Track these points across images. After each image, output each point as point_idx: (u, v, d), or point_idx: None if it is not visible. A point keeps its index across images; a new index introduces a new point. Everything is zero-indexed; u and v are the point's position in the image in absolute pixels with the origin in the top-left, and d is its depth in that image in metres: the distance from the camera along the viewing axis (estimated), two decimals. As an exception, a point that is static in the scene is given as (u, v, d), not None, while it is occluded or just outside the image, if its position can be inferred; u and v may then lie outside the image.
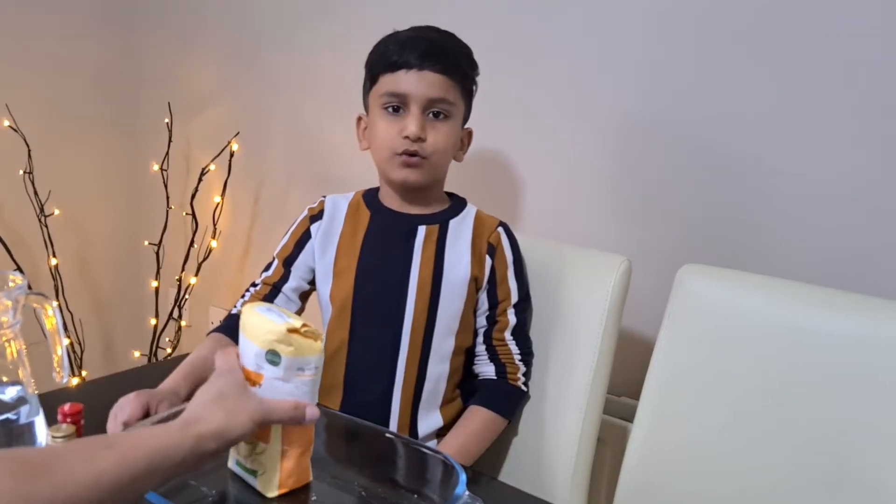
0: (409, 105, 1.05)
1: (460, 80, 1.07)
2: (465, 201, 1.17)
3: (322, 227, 1.13)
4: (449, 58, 1.06)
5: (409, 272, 1.09)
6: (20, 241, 2.03)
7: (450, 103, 1.06)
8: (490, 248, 1.12)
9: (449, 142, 1.08)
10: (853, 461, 0.91)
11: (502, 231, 1.14)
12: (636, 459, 1.08)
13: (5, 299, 0.91)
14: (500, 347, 1.13)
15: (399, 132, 1.05)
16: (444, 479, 0.79)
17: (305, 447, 0.78)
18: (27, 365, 0.93)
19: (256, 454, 0.78)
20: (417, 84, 1.04)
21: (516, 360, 1.13)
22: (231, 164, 1.98)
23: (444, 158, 1.09)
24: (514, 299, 1.13)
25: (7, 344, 0.78)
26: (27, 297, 0.96)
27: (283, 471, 0.77)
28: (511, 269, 1.13)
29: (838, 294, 0.97)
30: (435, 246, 1.10)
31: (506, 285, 1.12)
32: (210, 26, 2.04)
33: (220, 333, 1.10)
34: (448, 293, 1.10)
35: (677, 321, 1.06)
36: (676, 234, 1.34)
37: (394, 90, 1.05)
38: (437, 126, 1.06)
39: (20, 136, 1.93)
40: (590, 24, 1.39)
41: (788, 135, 1.21)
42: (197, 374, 0.98)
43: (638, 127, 1.36)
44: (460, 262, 1.10)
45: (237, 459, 0.80)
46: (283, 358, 0.73)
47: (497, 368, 1.12)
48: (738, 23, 1.23)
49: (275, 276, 1.14)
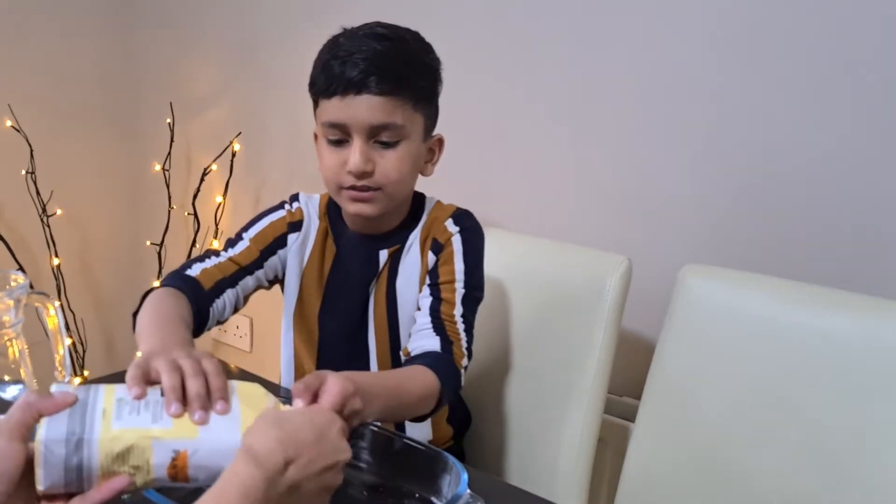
0: (351, 134, 0.92)
1: (411, 95, 0.92)
2: (424, 200, 1.06)
3: (298, 241, 1.05)
4: (393, 75, 0.90)
5: (367, 309, 1.04)
6: (22, 240, 2.03)
7: (398, 126, 0.92)
8: (435, 244, 1.01)
9: (403, 168, 0.94)
10: (853, 460, 0.91)
11: (451, 223, 1.02)
12: (637, 459, 1.08)
13: (7, 299, 0.91)
14: (448, 324, 0.97)
15: (343, 164, 0.93)
16: (445, 478, 0.79)
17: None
18: (29, 364, 0.94)
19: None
20: (357, 111, 0.91)
21: (463, 345, 0.96)
22: (233, 164, 1.99)
23: (400, 186, 0.96)
24: (460, 283, 0.99)
25: (9, 343, 0.78)
26: (29, 296, 0.97)
27: None
28: (458, 254, 1.00)
29: (838, 294, 0.97)
30: (388, 271, 1.03)
31: (449, 265, 1.00)
32: (212, 27, 2.04)
33: (177, 290, 0.95)
34: (405, 318, 1.03)
35: (678, 321, 1.06)
36: (677, 234, 1.34)
37: (331, 120, 0.93)
38: (386, 154, 0.93)
39: (23, 137, 1.93)
40: (590, 22, 1.39)
41: (789, 134, 1.21)
42: (183, 332, 0.85)
43: (638, 127, 1.36)
44: (411, 280, 1.02)
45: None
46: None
47: (443, 344, 0.94)
48: (738, 22, 1.23)
49: (246, 258, 1.02)
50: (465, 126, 1.07)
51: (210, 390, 0.64)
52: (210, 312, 0.97)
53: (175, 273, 0.98)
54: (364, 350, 1.05)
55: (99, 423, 0.60)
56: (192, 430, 0.62)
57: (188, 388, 0.63)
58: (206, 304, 0.96)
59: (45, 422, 0.59)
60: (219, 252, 1.03)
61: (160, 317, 0.86)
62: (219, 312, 0.98)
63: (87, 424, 0.59)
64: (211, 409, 0.63)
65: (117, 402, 0.62)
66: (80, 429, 0.59)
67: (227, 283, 1.00)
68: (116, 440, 0.59)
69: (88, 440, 0.59)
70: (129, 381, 0.64)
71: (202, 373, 0.64)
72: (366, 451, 0.87)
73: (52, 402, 0.60)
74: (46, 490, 0.59)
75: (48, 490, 0.59)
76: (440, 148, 1.03)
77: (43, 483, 0.59)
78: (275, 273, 1.06)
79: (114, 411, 0.61)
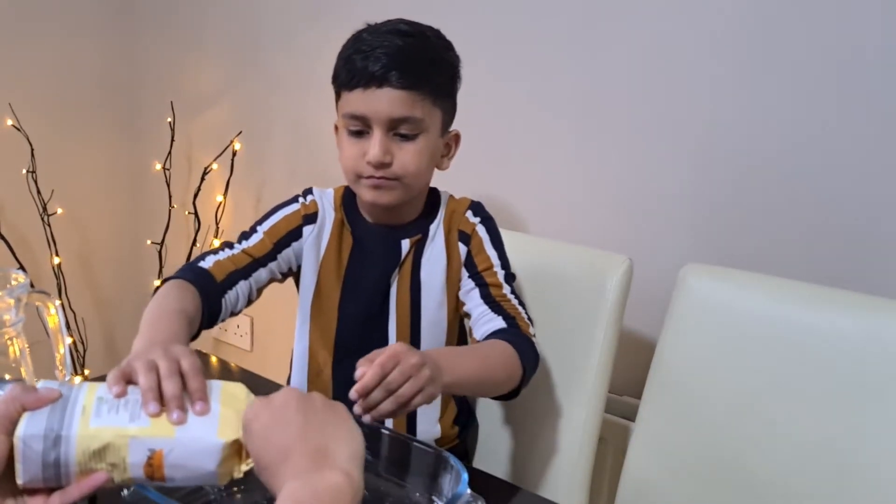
0: (372, 126, 0.95)
1: (431, 90, 0.95)
2: (438, 194, 1.10)
3: (314, 233, 1.06)
4: (414, 69, 0.93)
5: (388, 297, 1.05)
6: (23, 239, 2.03)
7: (417, 120, 0.95)
8: (462, 235, 1.05)
9: (421, 160, 0.97)
10: (854, 460, 0.91)
11: (471, 214, 1.07)
12: (638, 458, 1.08)
13: (8, 297, 0.91)
14: (504, 303, 1.01)
15: (362, 155, 0.96)
16: (445, 478, 0.79)
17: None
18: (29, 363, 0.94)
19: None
20: (378, 104, 0.93)
21: (524, 316, 1.00)
22: (233, 163, 1.99)
23: (418, 178, 0.99)
24: (498, 267, 1.04)
25: (10, 342, 0.78)
26: (30, 295, 0.97)
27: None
28: (487, 242, 1.05)
29: (839, 293, 0.97)
30: (412, 260, 1.05)
31: (483, 254, 1.05)
32: (212, 26, 2.04)
33: (186, 282, 0.95)
34: (429, 305, 1.05)
35: (679, 320, 1.06)
36: (678, 234, 1.34)
37: (353, 111, 0.96)
38: (405, 147, 0.96)
39: (23, 136, 1.93)
40: (591, 23, 1.39)
41: (789, 134, 1.21)
42: (176, 328, 0.85)
43: (639, 126, 1.36)
44: (436, 269, 1.05)
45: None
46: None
47: (507, 320, 0.98)
48: (738, 22, 1.23)
49: (259, 250, 1.04)
50: (465, 126, 1.07)
51: (189, 390, 0.65)
52: (223, 304, 0.98)
53: (188, 265, 1.00)
54: (383, 337, 1.06)
55: (77, 421, 0.60)
56: (168, 430, 0.62)
57: (164, 388, 0.64)
58: (218, 295, 0.98)
59: (25, 417, 0.60)
60: (233, 244, 1.04)
61: (157, 312, 0.87)
62: (232, 304, 1.00)
63: (66, 421, 0.60)
64: (189, 409, 0.64)
65: (97, 400, 0.63)
66: (58, 425, 0.60)
67: (240, 275, 1.01)
68: (93, 438, 0.60)
69: (66, 437, 0.60)
70: (109, 381, 0.65)
71: (179, 373, 0.65)
72: (367, 451, 0.87)
73: (35, 397, 0.61)
74: (26, 484, 0.60)
75: (28, 484, 0.60)
76: (456, 143, 1.07)
77: (22, 477, 0.59)
78: (289, 266, 1.07)
79: (93, 409, 0.62)
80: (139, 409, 0.62)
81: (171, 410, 0.63)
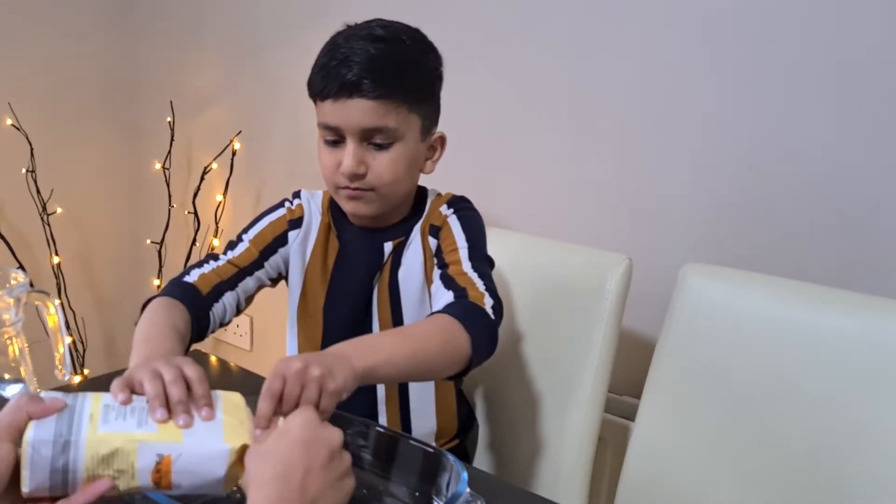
0: (345, 136, 0.94)
1: (404, 98, 0.92)
2: (426, 193, 1.07)
3: (299, 238, 1.06)
4: (386, 78, 0.90)
5: (371, 300, 1.04)
6: (22, 239, 2.03)
7: (391, 129, 0.92)
8: (433, 229, 1.02)
9: (397, 169, 0.95)
10: (854, 460, 0.91)
11: (445, 208, 1.03)
12: (637, 458, 1.08)
13: (7, 297, 0.91)
14: (458, 277, 0.95)
15: (338, 166, 0.95)
16: (445, 477, 0.79)
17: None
18: (29, 363, 0.94)
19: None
20: (349, 115, 0.92)
21: (480, 287, 0.92)
22: (233, 162, 1.99)
23: (394, 187, 0.97)
24: (462, 245, 0.98)
25: (9, 341, 0.78)
26: (29, 294, 0.97)
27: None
28: (456, 228, 1.00)
29: (839, 293, 0.98)
30: (391, 262, 1.03)
31: (450, 238, 1.00)
32: (212, 25, 2.04)
33: (173, 299, 0.95)
34: (409, 305, 1.03)
35: (679, 320, 1.06)
36: (677, 233, 1.34)
37: (326, 122, 0.95)
38: (380, 156, 0.94)
39: (23, 135, 1.93)
40: (591, 22, 1.39)
41: (789, 134, 1.21)
42: (170, 344, 0.85)
43: (638, 126, 1.36)
44: (413, 267, 1.03)
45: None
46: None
47: (456, 293, 0.92)
48: (738, 22, 1.23)
49: (245, 259, 1.03)
50: (465, 125, 1.07)
51: (194, 396, 0.65)
52: (210, 317, 0.98)
53: (174, 281, 1.00)
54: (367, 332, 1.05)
55: (86, 426, 0.61)
56: (176, 435, 0.62)
57: (170, 393, 0.64)
58: (205, 309, 0.98)
59: (33, 424, 0.60)
60: (218, 256, 1.04)
61: (149, 330, 0.87)
62: (220, 316, 1.00)
63: (75, 427, 0.60)
64: (195, 414, 0.64)
65: (104, 407, 0.63)
66: (67, 431, 0.60)
67: (226, 287, 1.01)
68: (103, 442, 0.60)
69: (75, 441, 0.60)
70: (114, 390, 0.65)
71: (184, 379, 0.66)
72: (366, 450, 0.87)
73: (41, 407, 0.61)
74: (31, 492, 0.59)
75: (33, 492, 0.59)
76: (442, 146, 1.04)
77: (28, 484, 0.59)
78: (278, 271, 1.07)
79: (101, 416, 0.62)
80: (146, 415, 0.63)
81: (178, 415, 0.63)
